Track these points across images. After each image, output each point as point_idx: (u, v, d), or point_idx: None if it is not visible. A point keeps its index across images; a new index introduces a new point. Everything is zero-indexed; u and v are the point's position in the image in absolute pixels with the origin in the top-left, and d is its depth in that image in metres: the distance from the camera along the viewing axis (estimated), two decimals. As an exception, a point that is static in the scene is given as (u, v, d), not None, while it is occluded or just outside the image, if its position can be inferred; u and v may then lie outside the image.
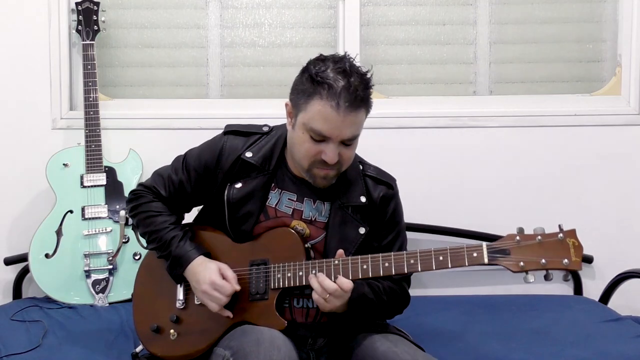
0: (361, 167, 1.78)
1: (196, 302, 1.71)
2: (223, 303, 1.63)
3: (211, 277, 1.63)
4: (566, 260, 1.45)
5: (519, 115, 2.65)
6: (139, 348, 1.79)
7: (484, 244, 1.50)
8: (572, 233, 1.47)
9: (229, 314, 1.65)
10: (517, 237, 1.48)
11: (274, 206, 1.72)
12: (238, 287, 1.64)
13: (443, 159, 2.65)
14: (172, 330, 1.70)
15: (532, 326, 2.17)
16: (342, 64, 1.57)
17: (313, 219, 1.72)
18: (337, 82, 1.54)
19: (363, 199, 1.73)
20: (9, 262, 2.55)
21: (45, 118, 2.61)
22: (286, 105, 1.67)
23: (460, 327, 2.17)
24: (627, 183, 2.65)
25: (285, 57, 2.71)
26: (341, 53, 1.64)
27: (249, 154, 1.72)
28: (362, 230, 1.71)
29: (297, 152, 1.64)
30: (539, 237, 1.47)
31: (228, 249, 1.71)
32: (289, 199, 1.73)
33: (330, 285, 1.54)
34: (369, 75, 1.59)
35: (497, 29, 2.72)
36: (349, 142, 1.60)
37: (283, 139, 1.74)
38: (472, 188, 2.65)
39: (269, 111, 2.47)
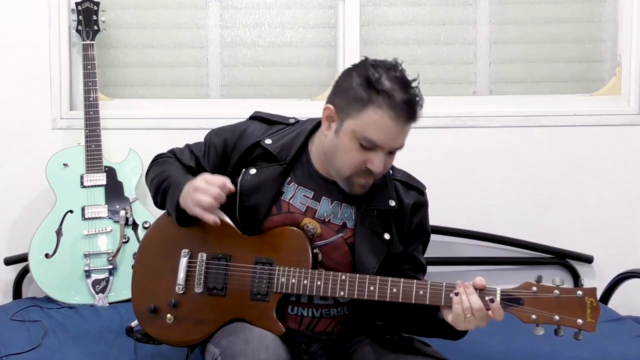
0: (390, 172, 1.73)
1: (196, 290, 1.67)
2: (214, 194, 1.56)
3: (204, 175, 1.61)
4: (580, 321, 1.40)
5: (519, 115, 2.65)
6: (134, 323, 1.75)
7: (498, 290, 1.46)
8: (592, 292, 1.42)
9: (216, 219, 1.59)
10: (534, 288, 1.43)
11: (288, 200, 1.67)
12: (232, 187, 1.60)
13: (443, 159, 2.65)
14: (169, 315, 1.68)
15: (532, 326, 2.16)
16: (397, 72, 1.55)
17: (327, 219, 1.67)
18: (395, 92, 1.51)
19: (392, 203, 1.68)
20: (9, 262, 2.55)
21: (45, 118, 2.60)
22: (326, 109, 1.60)
23: (460, 327, 2.16)
24: (627, 183, 2.65)
25: (285, 57, 2.71)
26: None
27: (268, 141, 1.69)
28: (387, 237, 1.66)
29: (340, 160, 1.58)
30: (557, 292, 1.42)
31: (235, 240, 1.67)
32: (304, 195, 1.67)
33: (477, 302, 1.45)
34: (417, 85, 1.57)
35: (497, 29, 2.72)
36: (395, 151, 1.59)
37: (307, 132, 1.70)
38: (472, 188, 2.65)
39: (269, 111, 2.47)
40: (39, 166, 2.47)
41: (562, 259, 2.62)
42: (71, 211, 2.43)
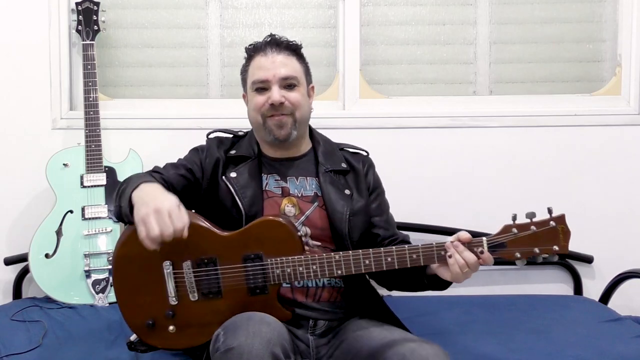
0: (335, 144, 1.94)
1: (191, 299, 1.65)
2: (169, 233, 1.50)
3: (172, 204, 1.53)
4: (556, 247, 1.56)
5: (519, 115, 2.65)
6: (134, 336, 1.71)
7: (484, 240, 1.57)
8: (562, 219, 1.57)
9: (155, 248, 1.53)
10: (514, 230, 1.56)
11: (265, 189, 1.80)
12: (186, 234, 1.54)
13: (443, 159, 2.65)
14: (171, 327, 1.66)
15: (532, 326, 2.17)
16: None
17: (300, 194, 1.80)
18: (260, 42, 1.84)
19: (344, 165, 1.87)
20: (9, 262, 2.55)
21: (45, 118, 2.61)
22: (243, 96, 1.90)
23: (460, 327, 2.17)
24: (627, 183, 2.65)
25: (285, 57, 2.71)
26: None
27: (233, 151, 1.85)
28: (347, 192, 1.82)
29: (251, 112, 1.82)
30: (533, 227, 1.56)
31: (215, 240, 1.66)
32: (275, 180, 1.82)
33: (471, 258, 1.56)
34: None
35: (497, 29, 2.72)
36: (288, 84, 1.78)
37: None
38: (472, 188, 2.65)
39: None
40: (39, 166, 2.47)
41: (562, 259, 2.62)
42: (71, 211, 2.43)
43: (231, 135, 1.92)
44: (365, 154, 1.95)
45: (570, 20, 2.72)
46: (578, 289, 2.62)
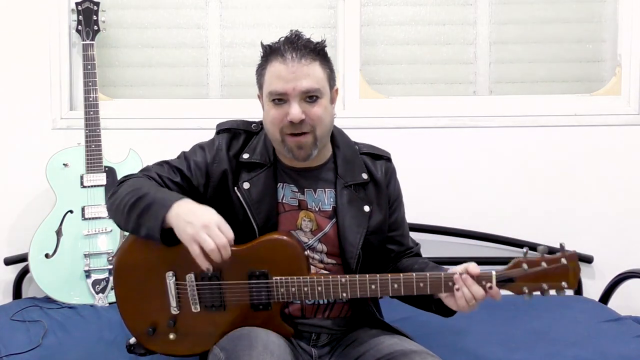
0: (357, 147, 1.81)
1: (193, 310, 1.63)
2: (221, 243, 1.47)
3: (216, 217, 1.50)
4: (565, 283, 1.53)
5: (519, 115, 2.65)
6: (133, 340, 1.70)
7: (494, 274, 1.55)
8: (573, 257, 1.53)
9: (209, 266, 1.50)
10: (525, 266, 1.54)
11: (281, 201, 1.70)
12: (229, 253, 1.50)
13: (443, 159, 2.65)
14: (171, 335, 1.65)
15: (532, 326, 2.17)
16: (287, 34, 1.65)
17: (318, 208, 1.70)
18: (278, 43, 1.63)
19: (365, 176, 1.74)
20: (9, 262, 2.55)
21: (45, 118, 2.61)
22: (258, 97, 1.71)
23: (460, 327, 2.16)
24: (627, 183, 2.65)
25: (285, 57, 2.71)
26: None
27: (246, 155, 1.70)
28: (366, 209, 1.71)
29: (268, 126, 1.65)
30: (544, 264, 1.53)
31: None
32: (292, 190, 1.70)
33: (479, 292, 1.54)
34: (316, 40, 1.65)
35: (497, 29, 2.72)
36: (309, 96, 1.60)
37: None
38: (472, 188, 2.65)
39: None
40: (39, 166, 2.47)
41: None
42: (71, 211, 2.43)
43: (243, 130, 1.76)
44: (386, 158, 1.82)
45: (570, 20, 2.72)
46: (578, 288, 2.62)
